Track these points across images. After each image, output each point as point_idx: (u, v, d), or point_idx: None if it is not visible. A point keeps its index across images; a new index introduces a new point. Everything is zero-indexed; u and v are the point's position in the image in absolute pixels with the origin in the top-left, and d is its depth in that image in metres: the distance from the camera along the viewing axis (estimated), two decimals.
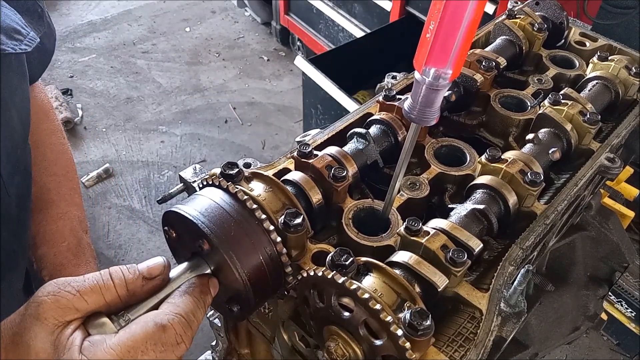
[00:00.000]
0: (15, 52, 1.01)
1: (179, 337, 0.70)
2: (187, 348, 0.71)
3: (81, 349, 0.65)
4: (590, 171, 1.08)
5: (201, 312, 0.75)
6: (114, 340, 0.66)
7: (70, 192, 1.40)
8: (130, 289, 0.72)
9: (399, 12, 3.73)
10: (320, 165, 0.95)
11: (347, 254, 0.77)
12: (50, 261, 1.31)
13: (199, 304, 0.74)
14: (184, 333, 0.70)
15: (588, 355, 3.10)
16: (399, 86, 1.25)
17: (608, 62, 1.29)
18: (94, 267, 1.38)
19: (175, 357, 0.70)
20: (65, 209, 1.37)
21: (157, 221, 3.86)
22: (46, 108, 1.43)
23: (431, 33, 0.70)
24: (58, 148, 1.43)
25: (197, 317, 0.74)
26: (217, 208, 0.78)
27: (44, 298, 0.68)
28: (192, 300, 0.74)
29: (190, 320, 0.72)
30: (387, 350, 0.71)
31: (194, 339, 0.74)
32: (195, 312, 0.73)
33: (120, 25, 5.78)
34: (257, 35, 5.72)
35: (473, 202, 0.98)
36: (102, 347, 0.65)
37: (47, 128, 1.41)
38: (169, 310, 0.71)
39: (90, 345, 0.66)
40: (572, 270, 1.48)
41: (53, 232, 1.33)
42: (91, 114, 4.71)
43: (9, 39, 1.00)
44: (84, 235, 1.39)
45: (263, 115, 4.79)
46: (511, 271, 0.88)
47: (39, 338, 0.66)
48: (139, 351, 0.66)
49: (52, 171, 1.38)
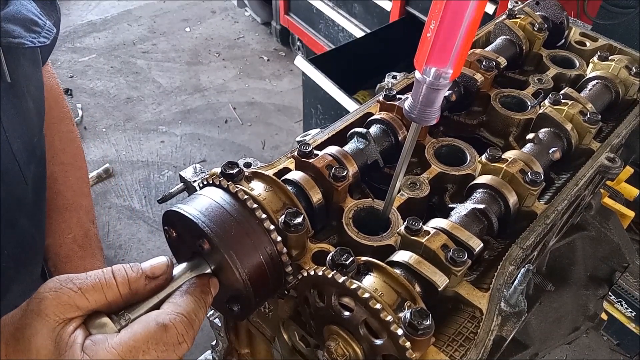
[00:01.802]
0: (34, 45, 0.97)
1: (180, 337, 0.69)
2: (188, 348, 0.71)
3: (83, 347, 0.65)
4: (590, 171, 1.08)
5: (202, 311, 0.75)
6: (116, 340, 0.66)
7: (78, 181, 1.39)
8: (133, 288, 0.72)
9: (399, 12, 3.73)
10: (321, 165, 0.95)
11: (348, 253, 0.77)
12: (56, 252, 1.31)
13: (200, 303, 0.74)
14: (185, 333, 0.70)
15: (588, 355, 3.10)
16: (399, 86, 1.25)
17: (608, 62, 1.29)
18: (100, 259, 1.37)
19: (177, 357, 0.70)
20: (72, 199, 1.35)
21: (157, 221, 3.86)
22: (55, 94, 1.39)
23: (432, 33, 0.70)
24: (67, 136, 1.40)
25: (199, 317, 0.73)
26: (218, 207, 0.78)
27: (45, 294, 0.68)
28: (193, 299, 0.74)
29: (192, 320, 0.71)
30: (387, 350, 0.71)
31: (194, 339, 0.74)
32: (197, 312, 0.73)
33: (120, 25, 5.78)
34: (257, 35, 5.72)
35: (473, 201, 0.98)
36: (104, 347, 0.65)
37: (56, 115, 1.37)
38: (171, 310, 0.71)
39: (92, 344, 0.65)
40: (572, 270, 1.48)
41: (59, 223, 1.32)
42: (91, 114, 4.71)
43: (27, 32, 0.97)
44: (91, 225, 1.38)
45: (263, 115, 4.79)
46: (511, 271, 0.88)
47: (40, 334, 0.66)
48: (140, 351, 0.66)
49: (60, 160, 1.36)
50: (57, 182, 1.33)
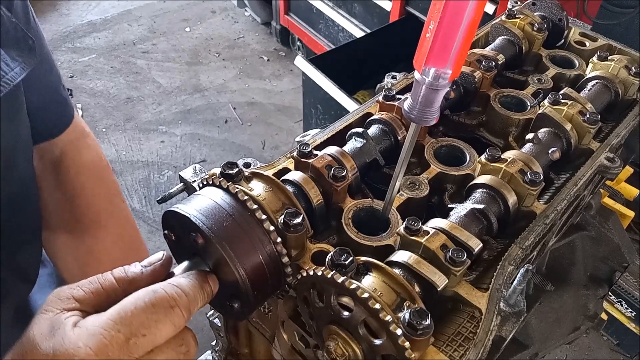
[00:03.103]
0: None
1: (172, 301, 0.69)
2: (184, 316, 0.70)
3: (75, 324, 0.67)
4: (590, 171, 1.08)
5: (198, 291, 0.74)
6: (106, 312, 0.68)
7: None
8: (130, 274, 0.74)
9: (399, 12, 3.73)
10: (320, 165, 0.95)
11: (347, 253, 0.77)
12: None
13: (195, 284, 0.74)
14: (177, 298, 0.69)
15: (588, 355, 3.10)
16: (399, 86, 1.25)
17: (608, 62, 1.29)
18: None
19: (172, 324, 0.69)
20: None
21: (157, 221, 3.86)
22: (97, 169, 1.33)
23: (431, 33, 0.70)
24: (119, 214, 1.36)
25: (194, 292, 0.73)
26: (217, 208, 0.78)
27: (48, 297, 0.72)
28: (188, 279, 0.74)
29: (185, 292, 0.71)
30: (386, 350, 0.71)
31: (189, 311, 0.73)
32: (192, 288, 0.73)
33: (120, 25, 5.78)
34: (257, 35, 5.72)
35: (473, 201, 0.98)
36: (94, 317, 0.67)
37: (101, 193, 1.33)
38: (164, 283, 0.72)
39: (84, 320, 0.67)
40: (572, 270, 1.48)
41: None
42: (91, 114, 4.71)
43: None
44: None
45: (263, 115, 4.79)
46: (511, 271, 0.88)
47: (38, 324, 0.68)
48: (129, 312, 0.66)
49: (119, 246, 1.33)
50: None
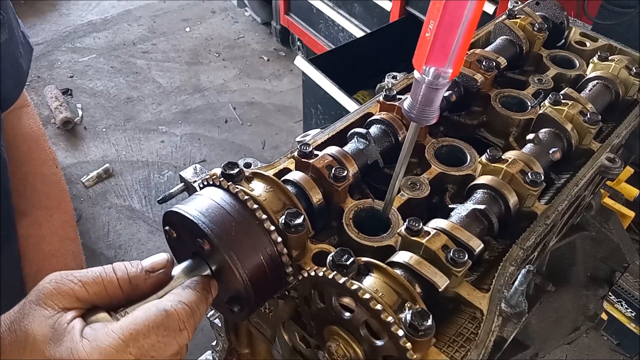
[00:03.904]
0: None
1: (181, 324, 0.69)
2: (189, 338, 0.71)
3: (82, 333, 0.65)
4: (590, 171, 1.08)
5: (203, 305, 0.74)
6: (116, 325, 0.66)
7: (64, 225, 1.34)
8: (133, 282, 0.72)
9: (399, 12, 3.72)
10: (321, 165, 0.95)
11: (348, 254, 0.77)
12: None
13: (201, 297, 0.74)
14: (186, 320, 0.70)
15: (588, 355, 3.10)
16: (399, 86, 1.25)
17: (608, 62, 1.29)
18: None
19: (177, 345, 0.69)
20: (58, 245, 1.31)
21: (157, 221, 3.86)
22: (35, 135, 1.36)
23: (430, 32, 0.70)
24: (50, 179, 1.36)
25: (200, 309, 0.73)
26: (218, 208, 0.78)
27: (45, 285, 0.68)
28: (195, 292, 0.74)
29: (193, 310, 0.71)
30: (388, 351, 0.71)
31: (193, 339, 0.73)
32: (198, 304, 0.73)
33: (120, 25, 5.78)
34: (257, 35, 5.72)
35: (474, 202, 0.98)
36: (104, 331, 0.65)
37: (37, 157, 1.34)
38: (172, 298, 0.71)
39: (91, 330, 0.65)
40: (572, 270, 1.48)
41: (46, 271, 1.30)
42: (91, 114, 4.71)
43: None
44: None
45: (263, 115, 4.79)
46: (512, 271, 0.88)
47: (37, 322, 0.65)
48: (141, 334, 0.65)
49: (44, 204, 1.32)
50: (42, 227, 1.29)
